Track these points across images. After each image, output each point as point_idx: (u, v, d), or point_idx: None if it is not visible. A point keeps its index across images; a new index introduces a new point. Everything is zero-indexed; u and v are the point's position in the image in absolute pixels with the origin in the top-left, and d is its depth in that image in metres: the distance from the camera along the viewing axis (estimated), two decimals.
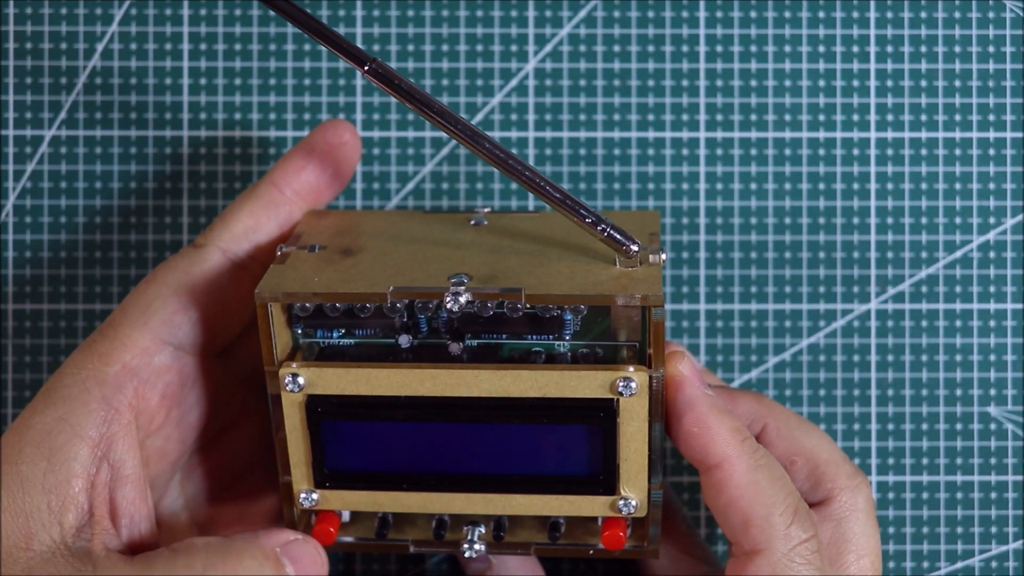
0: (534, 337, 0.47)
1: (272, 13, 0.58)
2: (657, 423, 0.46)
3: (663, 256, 0.47)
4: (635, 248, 0.46)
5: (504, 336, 0.47)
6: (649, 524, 0.49)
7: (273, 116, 0.58)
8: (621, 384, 0.45)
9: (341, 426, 0.47)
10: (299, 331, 0.48)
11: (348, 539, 0.50)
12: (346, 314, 0.47)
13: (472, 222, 0.51)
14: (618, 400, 0.46)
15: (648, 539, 0.49)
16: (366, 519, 0.50)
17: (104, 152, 0.58)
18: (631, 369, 0.46)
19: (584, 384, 0.46)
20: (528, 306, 0.46)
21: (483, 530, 0.49)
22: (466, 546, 0.49)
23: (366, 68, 0.47)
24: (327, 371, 0.46)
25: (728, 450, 0.46)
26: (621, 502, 0.48)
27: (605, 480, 0.47)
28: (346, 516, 0.50)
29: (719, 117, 0.58)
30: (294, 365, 0.46)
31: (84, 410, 0.46)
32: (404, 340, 0.47)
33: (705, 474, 0.47)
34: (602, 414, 0.46)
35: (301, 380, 0.46)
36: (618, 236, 0.46)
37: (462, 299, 0.45)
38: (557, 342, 0.47)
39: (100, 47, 0.58)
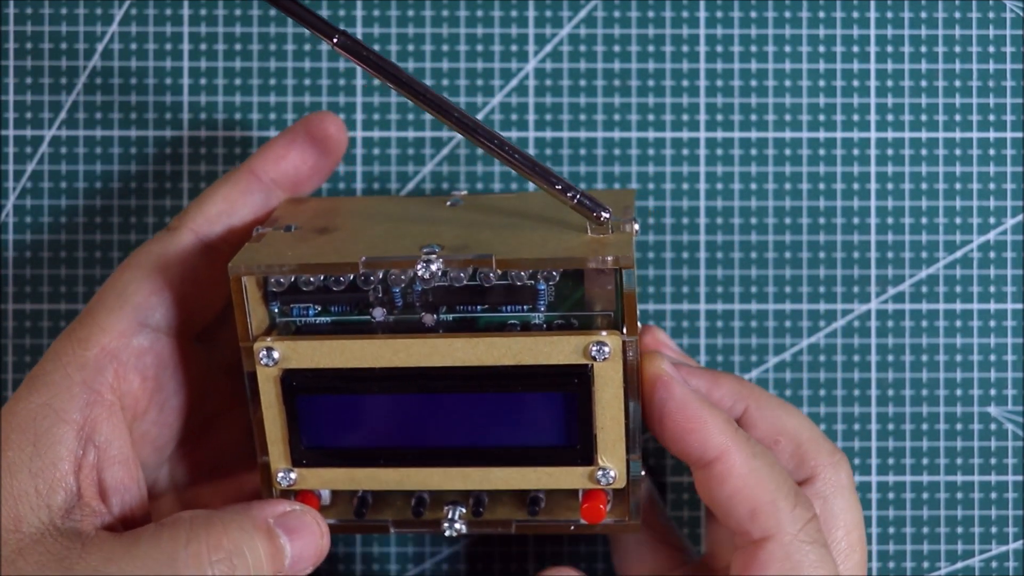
0: (509, 309, 0.47)
1: (273, 12, 0.58)
2: (633, 401, 0.47)
3: (636, 226, 0.47)
4: (606, 215, 0.47)
5: (479, 308, 0.47)
6: (629, 497, 0.49)
7: (273, 116, 0.58)
8: (595, 348, 0.46)
9: (317, 401, 0.47)
10: (276, 309, 0.48)
11: (329, 521, 0.50)
12: (321, 289, 0.47)
13: (449, 203, 0.51)
14: (592, 365, 0.46)
15: (629, 513, 0.49)
16: (345, 501, 0.51)
17: (104, 152, 0.58)
18: (604, 334, 0.46)
19: (558, 350, 0.46)
20: (500, 273, 0.46)
21: (463, 509, 0.49)
22: (446, 525, 0.49)
23: (335, 40, 0.47)
24: (301, 344, 0.46)
25: (726, 441, 0.47)
26: (600, 472, 0.48)
27: (582, 450, 0.47)
28: (326, 498, 0.50)
29: (719, 117, 0.58)
30: (268, 339, 0.47)
31: (67, 395, 0.47)
32: (379, 314, 0.47)
33: (703, 469, 0.47)
34: (576, 380, 0.46)
35: (276, 354, 0.46)
36: (588, 203, 0.47)
37: (433, 267, 0.45)
38: (532, 313, 0.47)
39: (100, 47, 0.58)
